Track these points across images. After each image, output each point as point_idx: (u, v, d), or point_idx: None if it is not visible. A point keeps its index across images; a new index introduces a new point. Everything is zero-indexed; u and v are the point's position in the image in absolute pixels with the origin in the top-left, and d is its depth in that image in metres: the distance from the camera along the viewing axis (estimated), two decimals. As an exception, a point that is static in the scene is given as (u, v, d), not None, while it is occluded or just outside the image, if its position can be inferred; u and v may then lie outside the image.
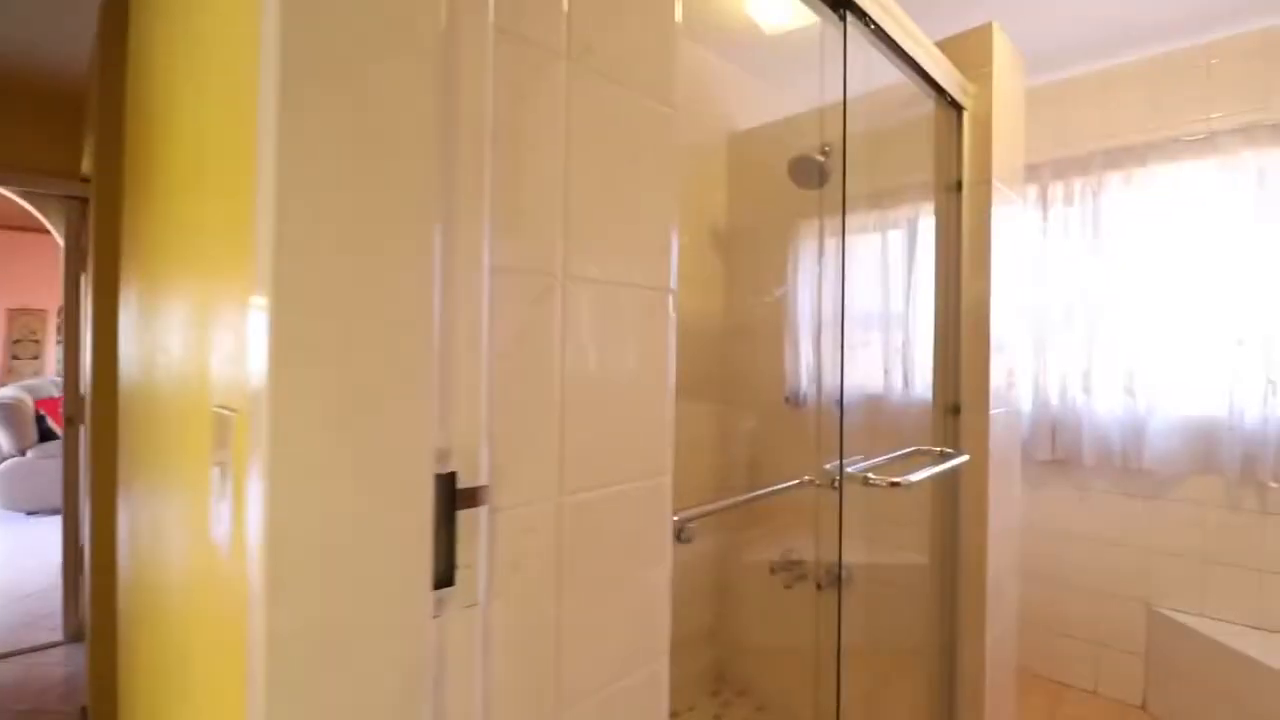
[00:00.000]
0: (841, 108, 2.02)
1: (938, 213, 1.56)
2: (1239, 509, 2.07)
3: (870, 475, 1.16)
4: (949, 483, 1.52)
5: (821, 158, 1.98)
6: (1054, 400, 2.34)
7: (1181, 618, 2.11)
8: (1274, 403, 1.98)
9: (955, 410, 1.51)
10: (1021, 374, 2.41)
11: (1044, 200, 2.40)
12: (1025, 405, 2.41)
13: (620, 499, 0.60)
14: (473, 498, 0.50)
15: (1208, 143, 2.10)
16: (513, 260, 0.53)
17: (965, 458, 1.42)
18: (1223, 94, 2.10)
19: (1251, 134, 2.03)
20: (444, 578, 0.49)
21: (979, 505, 1.49)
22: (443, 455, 0.48)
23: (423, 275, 0.46)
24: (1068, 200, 2.35)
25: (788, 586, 1.88)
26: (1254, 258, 2.02)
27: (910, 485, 1.12)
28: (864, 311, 2.08)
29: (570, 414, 0.57)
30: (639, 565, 0.63)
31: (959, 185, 1.53)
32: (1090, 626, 2.32)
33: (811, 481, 1.22)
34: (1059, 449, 2.34)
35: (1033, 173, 2.42)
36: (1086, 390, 2.28)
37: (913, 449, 1.48)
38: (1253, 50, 2.05)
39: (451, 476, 0.48)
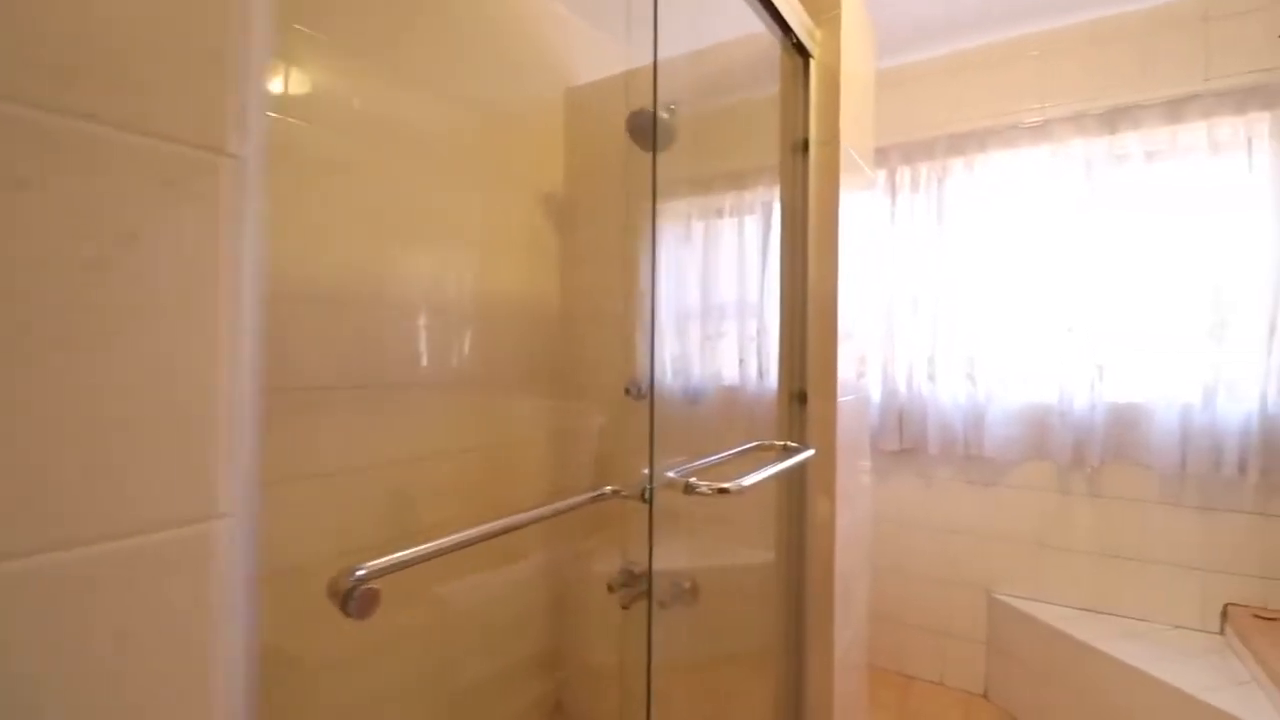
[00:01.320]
0: (685, 61, 1.80)
1: (783, 177, 1.38)
2: (1070, 493, 2.11)
3: (694, 480, 0.93)
4: (796, 476, 1.34)
5: (666, 114, 1.75)
6: (902, 389, 2.29)
7: (1019, 603, 2.12)
8: (1101, 389, 2.01)
9: (802, 399, 1.33)
10: (871, 362, 2.34)
11: (892, 186, 2.35)
12: (875, 394, 2.35)
13: (80, 569, 0.29)
14: None
15: (1042, 130, 2.12)
16: None
17: (810, 453, 1.24)
18: (1056, 82, 2.13)
19: (1081, 123, 2.06)
20: None
21: (827, 500, 1.31)
22: None
23: None
24: (914, 187, 2.31)
25: (625, 606, 1.64)
26: (1083, 246, 2.05)
27: (742, 490, 0.90)
28: (713, 293, 1.88)
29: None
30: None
31: (805, 145, 1.35)
32: (935, 617, 2.30)
33: (617, 493, 0.97)
34: (906, 438, 2.29)
35: (882, 156, 2.36)
36: (932, 378, 2.24)
37: (755, 444, 1.28)
38: (1083, 40, 2.09)
39: None
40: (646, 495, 0.96)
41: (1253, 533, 1.86)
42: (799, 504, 1.34)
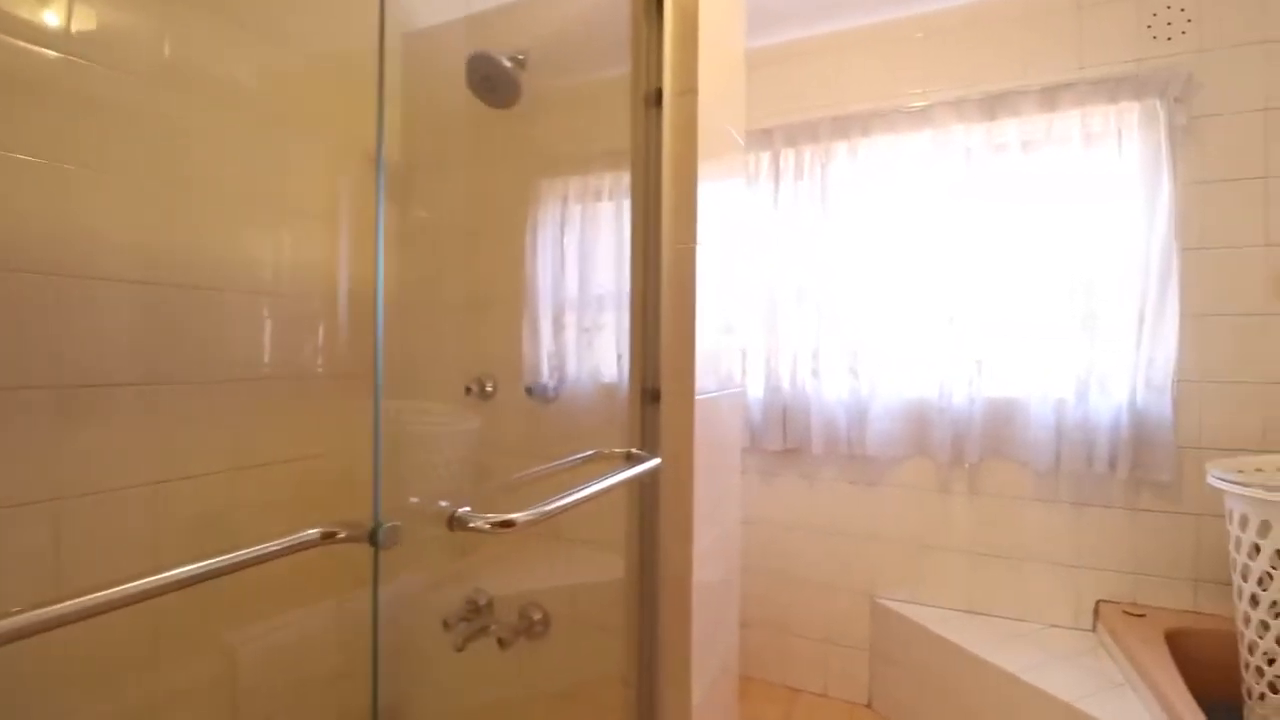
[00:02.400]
0: (536, 4, 1.55)
1: (634, 137, 1.16)
2: (949, 492, 2.03)
3: (465, 512, 0.68)
4: (649, 485, 1.12)
5: (510, 64, 1.50)
6: (785, 385, 2.15)
7: (900, 607, 2.03)
8: (980, 383, 1.95)
9: (655, 397, 1.11)
10: (754, 358, 2.19)
11: (776, 171, 2.20)
12: (757, 391, 2.20)
13: None
14: None
15: (924, 115, 2.03)
16: None
17: (654, 463, 1.03)
18: (939, 67, 2.05)
19: (961, 109, 1.99)
20: None
21: (681, 512, 1.11)
22: None
23: None
24: (798, 172, 2.17)
25: (459, 649, 1.38)
26: (963, 235, 1.98)
27: (535, 520, 0.66)
28: (573, 277, 1.64)
29: None
30: None
31: (659, 97, 1.14)
32: (820, 624, 2.18)
33: (333, 535, 0.70)
34: (790, 437, 2.15)
35: (765, 138, 2.21)
36: (815, 374, 2.11)
37: (592, 452, 1.06)
38: (965, 24, 2.02)
39: None
40: (373, 538, 0.69)
41: (1122, 528, 1.85)
42: (651, 516, 1.12)
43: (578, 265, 1.48)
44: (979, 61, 2.00)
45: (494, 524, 0.64)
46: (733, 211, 1.38)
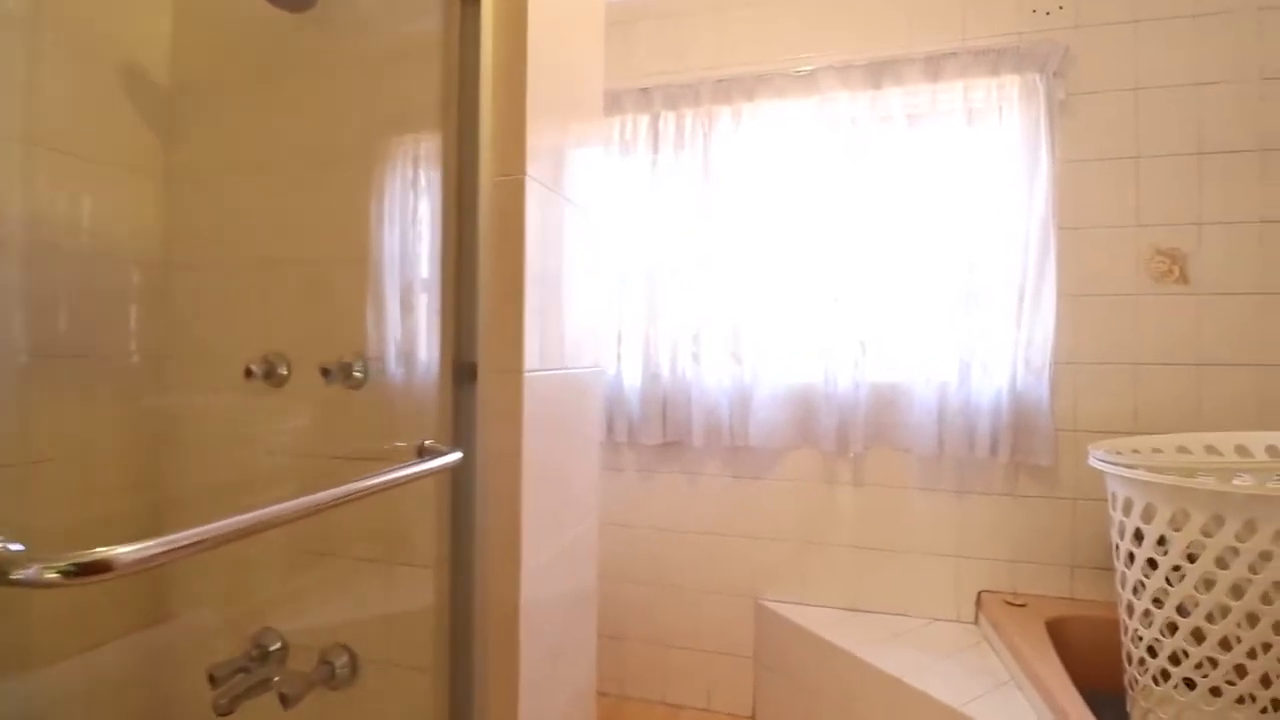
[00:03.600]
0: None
1: (446, 32, 0.88)
2: (835, 483, 1.91)
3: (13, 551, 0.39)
4: (463, 488, 0.86)
5: (303, -45, 1.17)
6: (665, 373, 1.95)
7: (784, 609, 1.88)
8: (865, 366, 1.83)
9: (471, 374, 0.85)
10: (631, 342, 1.97)
11: (655, 136, 1.99)
12: (635, 380, 1.98)
13: None
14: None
15: (809, 80, 1.89)
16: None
17: (452, 458, 0.77)
18: (826, 30, 1.92)
19: (847, 75, 1.86)
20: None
21: (505, 521, 0.85)
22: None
23: None
24: (679, 140, 1.97)
25: (223, 713, 1.05)
26: (847, 210, 1.85)
27: (131, 563, 0.38)
28: (389, 225, 1.33)
29: None
30: None
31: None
32: (703, 633, 2.00)
33: None
34: (670, 429, 1.95)
35: (644, 99, 2.00)
36: (696, 359, 1.92)
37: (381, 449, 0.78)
38: (846, -18, 1.89)
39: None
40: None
41: (1003, 515, 1.79)
42: (463, 527, 0.86)
43: (399, 209, 1.19)
44: (864, 26, 1.89)
45: (59, 573, 0.35)
46: (586, 141, 1.14)
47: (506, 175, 0.87)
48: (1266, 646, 1.12)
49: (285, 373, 1.21)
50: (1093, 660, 1.50)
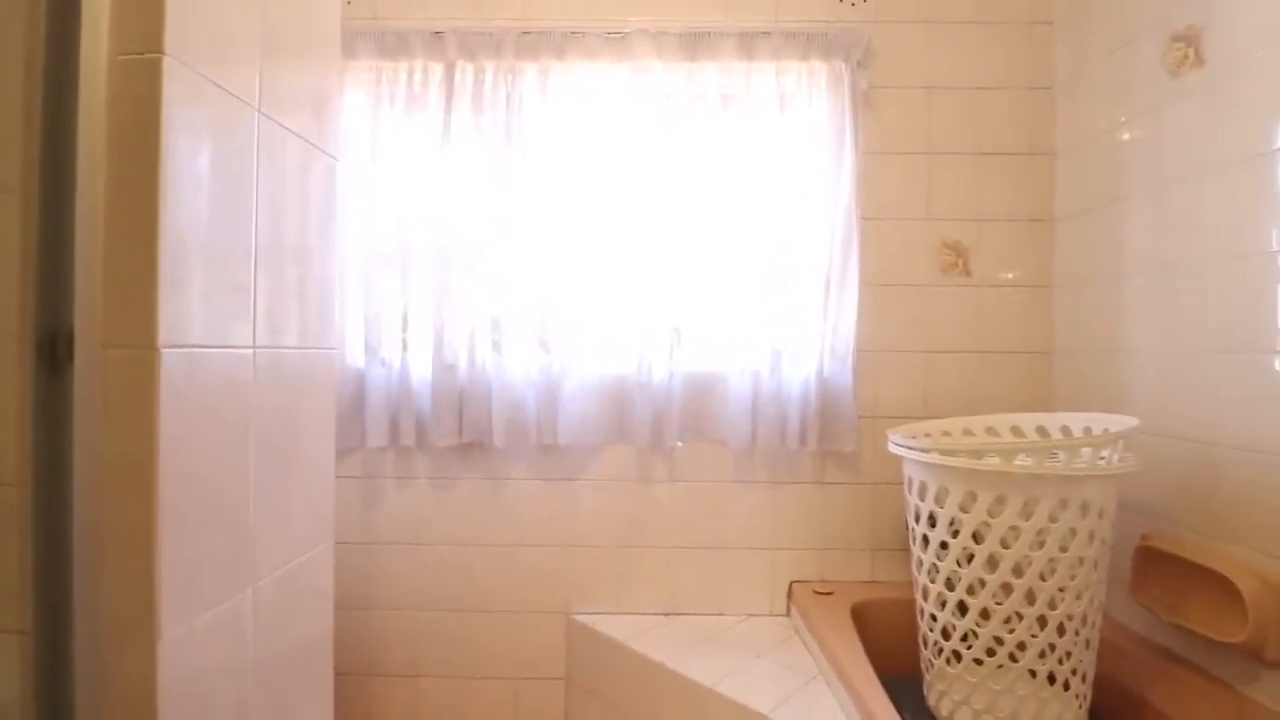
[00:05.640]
0: None
1: None
2: (650, 480, 1.78)
3: None
4: (55, 522, 0.55)
5: None
6: (461, 364, 1.69)
7: (597, 622, 1.72)
8: (680, 353, 1.72)
9: (65, 351, 0.55)
10: (420, 329, 1.69)
11: (450, 91, 1.72)
12: (425, 372, 1.71)
13: None
14: None
15: (623, 45, 1.74)
16: None
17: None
18: (636, -12, 1.78)
19: (661, 42, 1.74)
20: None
21: (128, 579, 0.57)
22: None
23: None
24: (478, 99, 1.72)
25: None
26: (661, 188, 1.73)
27: None
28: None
29: None
30: None
31: None
32: (509, 659, 1.77)
33: None
34: (468, 428, 1.70)
35: (436, 43, 1.72)
36: (498, 348, 1.69)
37: None
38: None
39: None
40: None
41: (813, 504, 1.77)
42: (59, 577, 0.56)
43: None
44: (679, -7, 1.78)
45: None
46: (304, 41, 0.86)
47: (131, 53, 0.58)
48: (1042, 621, 1.14)
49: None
50: (894, 643, 1.50)
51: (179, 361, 0.61)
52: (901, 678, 1.36)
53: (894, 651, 1.48)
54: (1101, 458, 1.15)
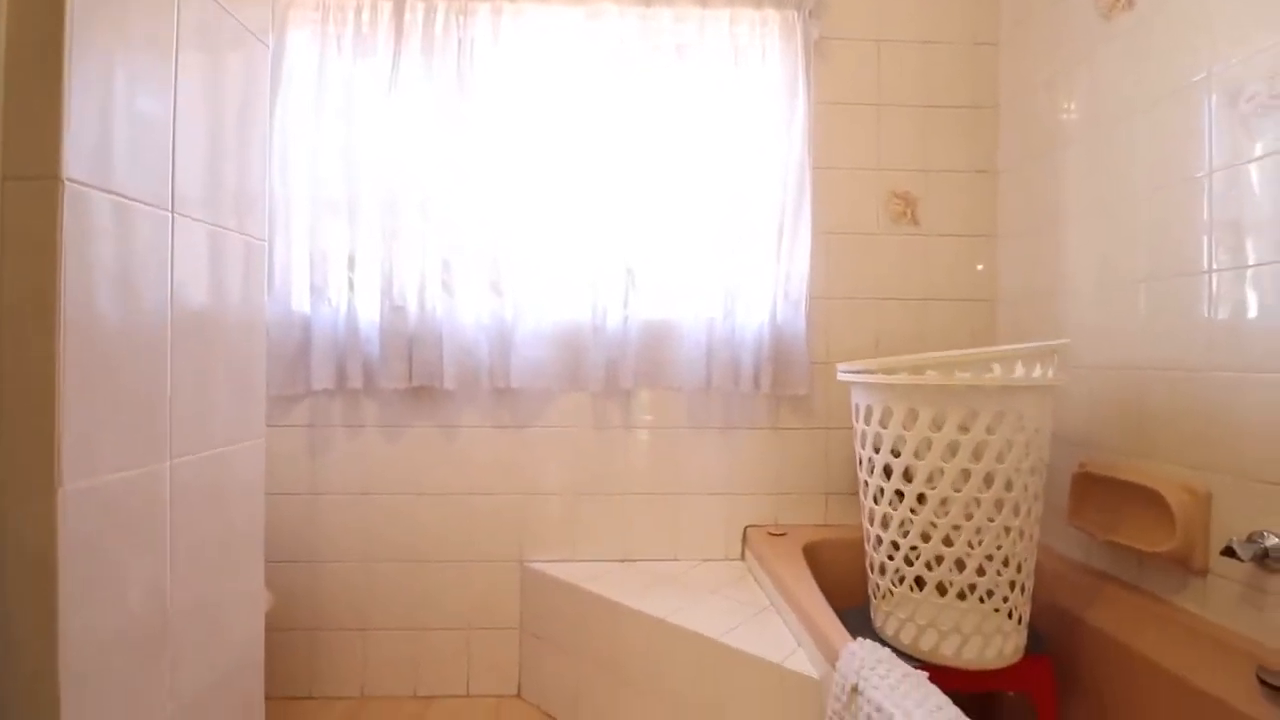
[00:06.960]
0: None
1: None
2: (605, 427, 1.77)
3: None
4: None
5: None
6: (412, 306, 1.66)
7: (551, 568, 1.70)
8: (634, 301, 1.71)
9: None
10: (368, 269, 1.65)
11: (399, 30, 1.69)
12: (373, 314, 1.67)
13: None
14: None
15: (576, -11, 1.73)
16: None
17: None
18: (587, -70, 1.76)
19: (613, -13, 1.73)
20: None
21: (26, 421, 0.54)
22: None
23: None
24: (428, 39, 1.69)
25: None
26: (617, 133, 1.72)
27: None
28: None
29: None
30: None
31: None
32: (462, 610, 1.74)
33: None
34: (418, 371, 1.67)
35: (387, -18, 1.68)
36: (449, 290, 1.67)
37: None
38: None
39: None
40: None
41: (767, 449, 1.79)
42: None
43: None
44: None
45: None
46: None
47: None
48: (980, 534, 1.17)
49: None
50: (845, 579, 1.53)
51: (85, 200, 0.57)
52: (852, 609, 1.38)
53: (845, 586, 1.50)
54: (1036, 376, 1.19)
